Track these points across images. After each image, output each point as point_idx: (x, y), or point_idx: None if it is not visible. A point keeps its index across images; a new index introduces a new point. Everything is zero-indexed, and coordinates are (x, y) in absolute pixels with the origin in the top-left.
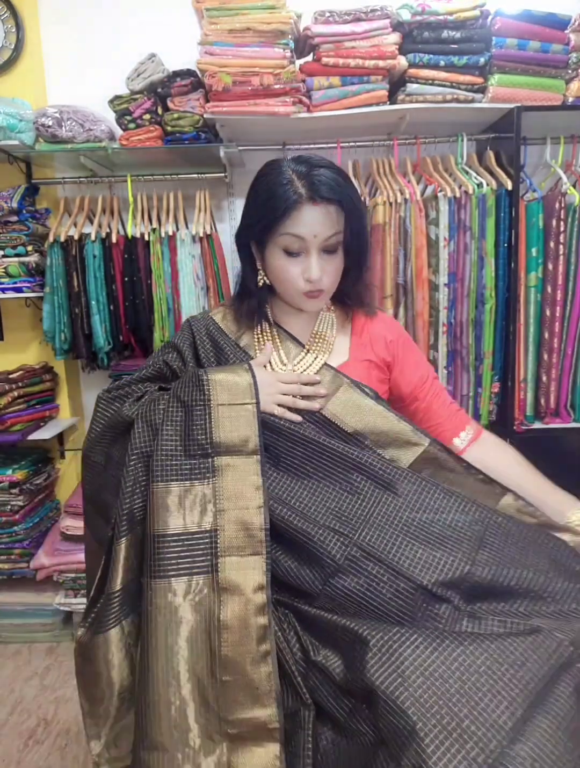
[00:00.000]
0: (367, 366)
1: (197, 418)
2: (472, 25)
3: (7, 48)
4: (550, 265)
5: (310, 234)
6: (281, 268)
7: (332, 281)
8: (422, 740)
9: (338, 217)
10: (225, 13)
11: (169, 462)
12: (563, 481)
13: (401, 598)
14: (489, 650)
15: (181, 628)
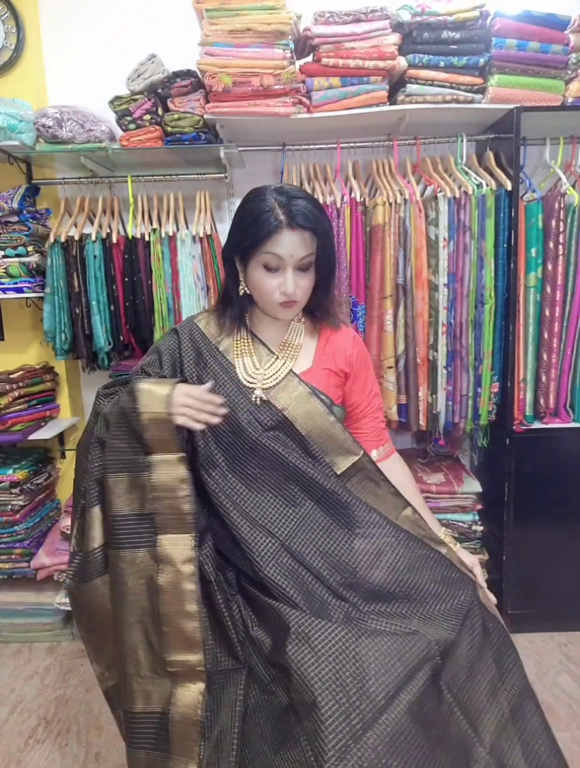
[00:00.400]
0: (327, 373)
1: (133, 421)
2: (472, 26)
3: (8, 48)
4: (549, 265)
5: (287, 254)
6: (261, 281)
7: (304, 294)
8: (320, 710)
9: (311, 242)
10: (225, 14)
11: (117, 457)
12: (563, 481)
13: (315, 594)
14: (378, 645)
15: (130, 589)
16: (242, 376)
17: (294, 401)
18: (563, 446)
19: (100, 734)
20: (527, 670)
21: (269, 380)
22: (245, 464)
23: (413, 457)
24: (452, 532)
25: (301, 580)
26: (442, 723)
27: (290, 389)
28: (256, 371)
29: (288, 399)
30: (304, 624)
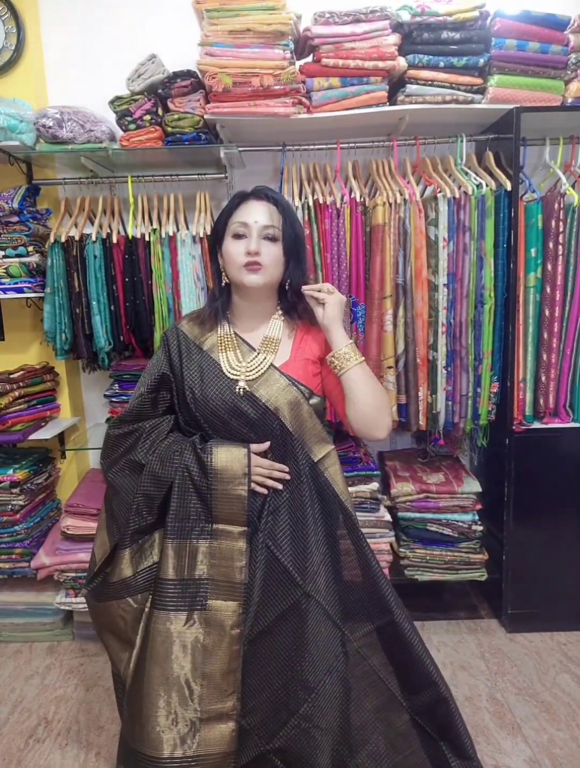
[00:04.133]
0: (304, 363)
1: (202, 493)
2: (471, 26)
3: (8, 49)
4: (549, 265)
5: (252, 220)
6: (230, 248)
7: (270, 261)
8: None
9: (276, 216)
10: (225, 14)
11: (177, 523)
12: (563, 481)
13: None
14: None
15: (175, 647)
16: (226, 369)
17: (275, 393)
18: (562, 446)
19: (100, 734)
20: (527, 669)
21: (252, 372)
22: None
23: (413, 457)
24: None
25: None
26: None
27: (272, 382)
28: (238, 364)
29: (269, 391)
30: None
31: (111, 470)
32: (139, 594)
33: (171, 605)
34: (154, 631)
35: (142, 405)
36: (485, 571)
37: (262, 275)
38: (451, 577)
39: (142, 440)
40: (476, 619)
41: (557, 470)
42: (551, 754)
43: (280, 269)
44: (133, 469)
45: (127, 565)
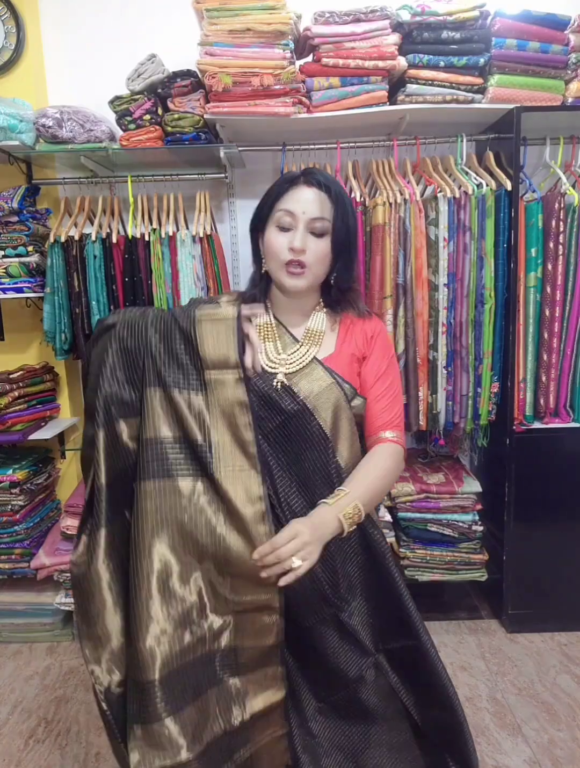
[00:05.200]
0: (349, 359)
1: (184, 327)
2: (471, 26)
3: (8, 49)
4: (549, 265)
5: (299, 210)
6: (272, 240)
7: (315, 260)
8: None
9: (327, 205)
10: (225, 14)
11: (161, 369)
12: (563, 481)
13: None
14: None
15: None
16: (264, 362)
17: (316, 390)
18: (563, 446)
19: (101, 734)
20: (527, 670)
21: (293, 365)
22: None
23: (413, 457)
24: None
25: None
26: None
27: (314, 377)
28: (277, 356)
29: (310, 387)
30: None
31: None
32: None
33: (175, 470)
34: (151, 505)
35: None
36: (485, 571)
37: (305, 278)
38: (451, 577)
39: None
40: (477, 620)
41: (557, 470)
42: (552, 754)
43: (325, 267)
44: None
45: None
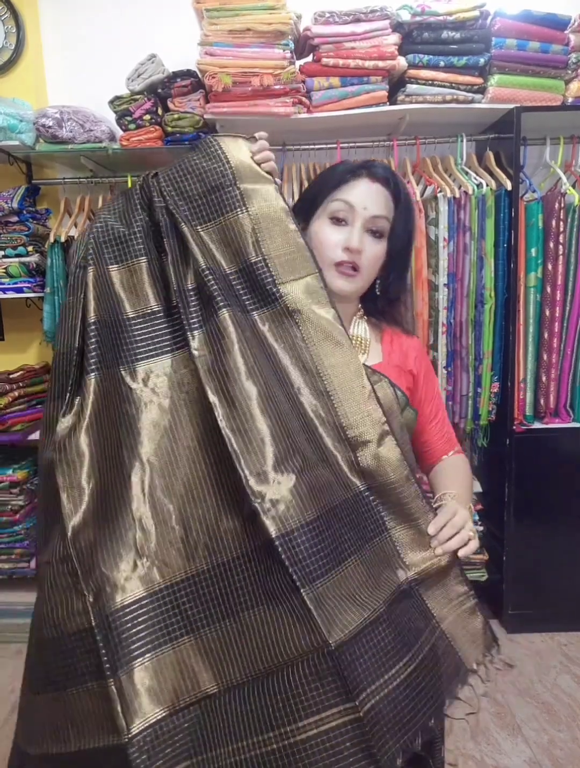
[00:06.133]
0: (398, 371)
1: (201, 146)
2: (472, 26)
3: (8, 48)
4: (549, 265)
5: (361, 204)
6: (324, 235)
7: (370, 264)
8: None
9: (390, 205)
10: (225, 14)
11: (178, 204)
12: (563, 481)
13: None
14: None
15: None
16: None
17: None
18: (563, 446)
19: None
20: (527, 670)
21: None
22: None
23: None
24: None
25: None
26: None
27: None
28: None
29: None
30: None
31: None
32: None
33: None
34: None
35: None
36: (485, 571)
37: (356, 282)
38: None
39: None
40: None
41: (557, 470)
42: (552, 755)
43: (376, 273)
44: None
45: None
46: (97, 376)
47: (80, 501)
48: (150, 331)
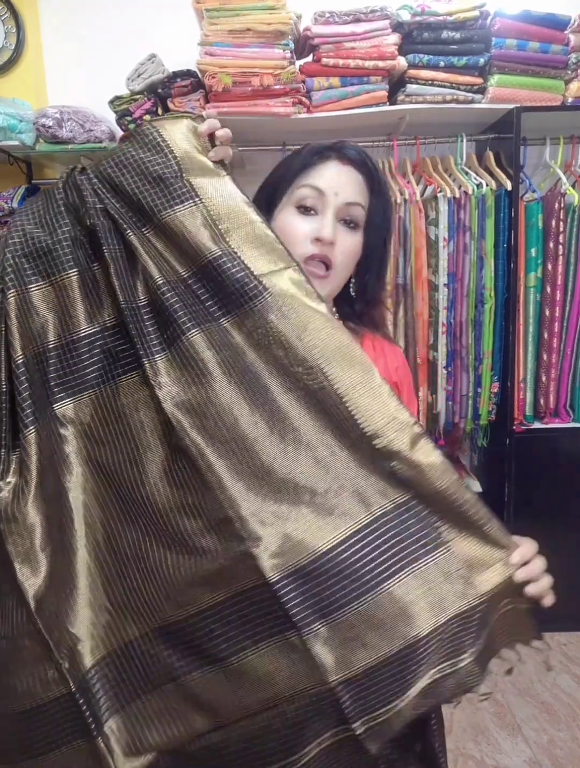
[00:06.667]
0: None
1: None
2: (471, 26)
3: (8, 48)
4: (549, 265)
5: (331, 189)
6: (290, 227)
7: (344, 259)
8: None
9: (364, 189)
10: (225, 14)
11: (115, 206)
12: (563, 481)
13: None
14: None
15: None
16: None
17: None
18: (563, 446)
19: None
20: (527, 670)
21: None
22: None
23: None
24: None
25: None
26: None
27: None
28: None
29: None
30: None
31: None
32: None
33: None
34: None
35: None
36: None
37: (328, 284)
38: None
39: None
40: None
41: (557, 470)
42: (552, 754)
43: (351, 269)
44: None
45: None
46: (36, 428)
47: (38, 568)
48: (83, 360)
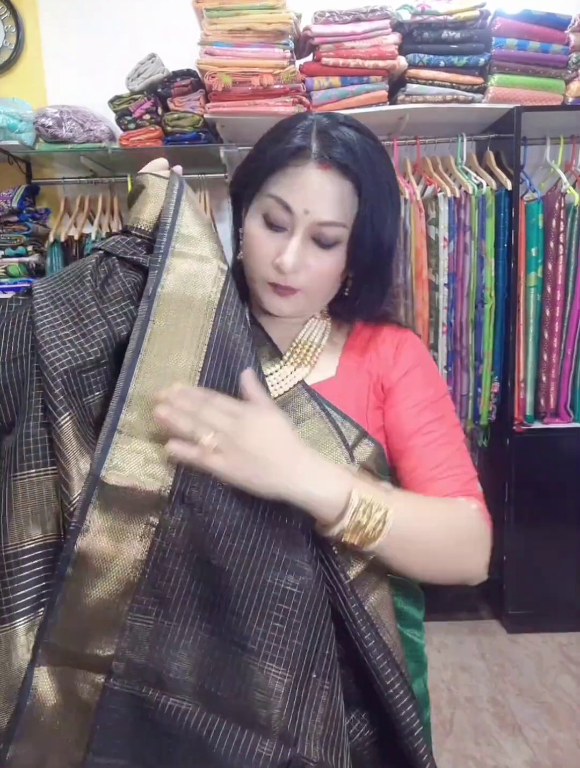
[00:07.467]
0: (359, 386)
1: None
2: (472, 26)
3: (7, 48)
4: (549, 265)
5: (300, 206)
6: (254, 240)
7: (313, 283)
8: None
9: (348, 203)
10: (225, 14)
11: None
12: (563, 481)
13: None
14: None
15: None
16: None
17: (296, 427)
18: (563, 446)
19: None
20: (527, 670)
21: (270, 389)
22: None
23: None
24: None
25: None
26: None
27: (293, 407)
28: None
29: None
30: None
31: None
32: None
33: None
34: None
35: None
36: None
37: (294, 304)
38: None
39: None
40: (477, 620)
41: (557, 470)
42: (552, 755)
43: (331, 287)
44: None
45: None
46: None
47: None
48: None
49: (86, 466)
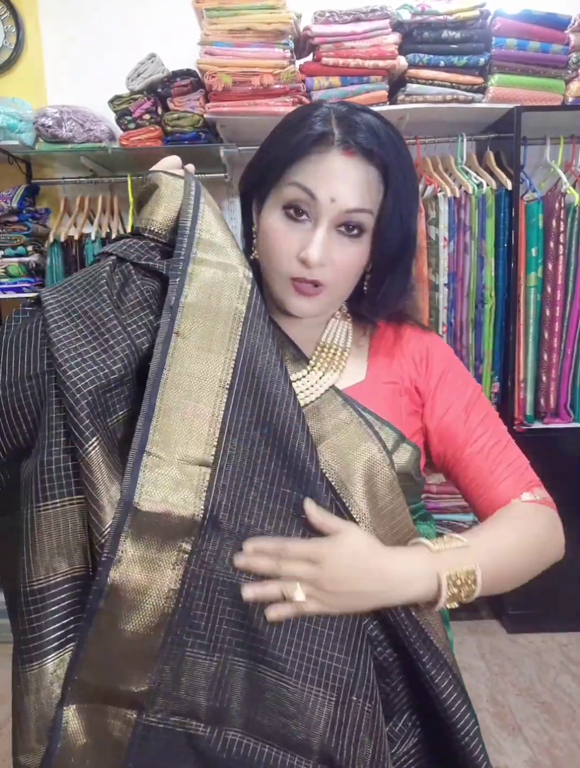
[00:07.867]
0: (392, 390)
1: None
2: (472, 25)
3: (7, 48)
4: (550, 265)
5: (326, 193)
6: (275, 234)
7: (340, 277)
8: None
9: (374, 189)
10: (225, 14)
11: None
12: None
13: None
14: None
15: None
16: None
17: (337, 444)
18: (563, 446)
19: None
20: (527, 670)
21: (299, 396)
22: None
23: None
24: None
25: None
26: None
27: (326, 414)
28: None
29: (321, 430)
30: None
31: None
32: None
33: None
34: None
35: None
36: None
37: (319, 302)
38: None
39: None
40: (477, 620)
41: (557, 470)
42: (552, 755)
43: (353, 282)
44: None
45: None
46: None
47: None
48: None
49: (117, 494)
